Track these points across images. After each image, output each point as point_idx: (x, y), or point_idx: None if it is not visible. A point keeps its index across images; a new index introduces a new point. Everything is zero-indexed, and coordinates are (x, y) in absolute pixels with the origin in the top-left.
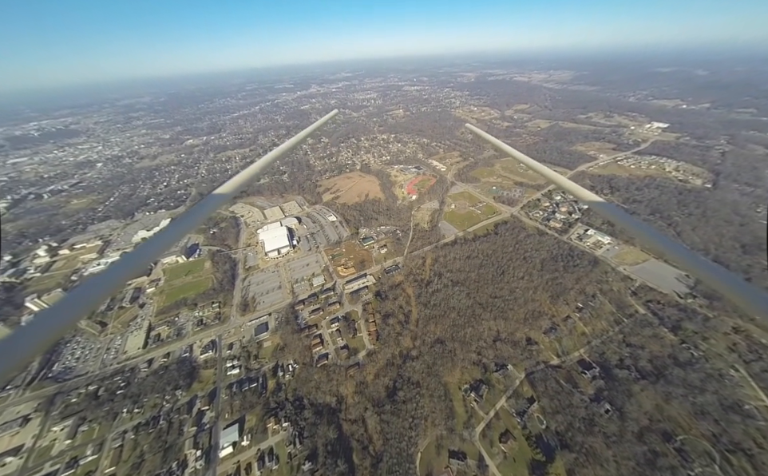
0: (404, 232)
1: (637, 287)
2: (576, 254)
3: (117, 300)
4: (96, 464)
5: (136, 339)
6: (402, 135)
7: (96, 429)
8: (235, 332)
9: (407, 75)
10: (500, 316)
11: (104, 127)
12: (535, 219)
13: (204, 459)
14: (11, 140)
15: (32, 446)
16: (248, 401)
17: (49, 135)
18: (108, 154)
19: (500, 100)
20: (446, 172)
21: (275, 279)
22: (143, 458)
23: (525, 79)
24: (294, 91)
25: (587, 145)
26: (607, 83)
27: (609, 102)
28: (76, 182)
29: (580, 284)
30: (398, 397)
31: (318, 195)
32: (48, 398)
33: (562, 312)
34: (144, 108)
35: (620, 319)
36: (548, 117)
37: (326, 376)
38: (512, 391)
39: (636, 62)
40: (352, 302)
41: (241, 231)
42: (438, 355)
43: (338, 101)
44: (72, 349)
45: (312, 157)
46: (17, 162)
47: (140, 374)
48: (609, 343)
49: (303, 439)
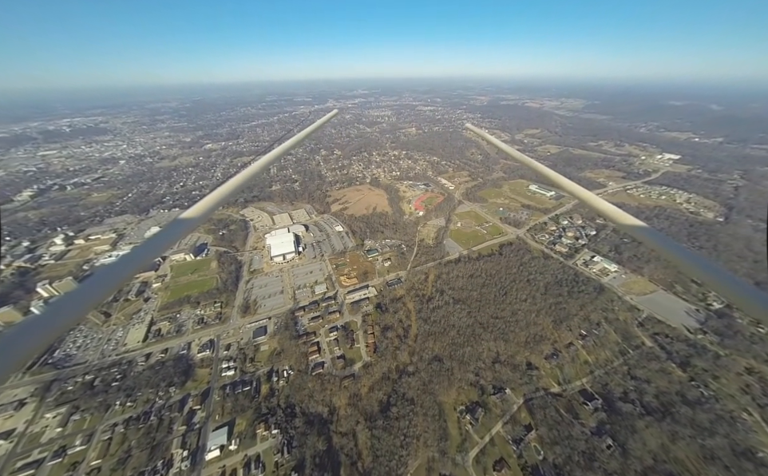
0: (408, 247)
1: (644, 318)
2: (581, 280)
3: (124, 292)
4: (83, 455)
5: (137, 332)
6: (413, 152)
7: (88, 419)
8: (234, 333)
9: (421, 95)
10: (501, 337)
11: (131, 127)
12: (540, 242)
13: (190, 460)
14: (44, 133)
15: (23, 431)
16: (240, 404)
17: (79, 131)
18: (132, 153)
19: (511, 123)
20: (454, 190)
21: (278, 283)
22: (130, 453)
23: (537, 105)
24: (311, 104)
25: (597, 172)
26: (618, 113)
27: (620, 131)
28: (98, 177)
29: (585, 311)
30: (392, 413)
31: (327, 205)
32: (45, 384)
33: (565, 338)
34: (170, 112)
35: (626, 350)
36: (558, 142)
37: (321, 385)
38: (509, 417)
39: (649, 94)
40: (352, 312)
41: (249, 234)
42: (435, 372)
43: (353, 116)
44: (74, 337)
45: (324, 168)
46: (47, 155)
47: (136, 367)
48: (613, 375)
49: (292, 449)
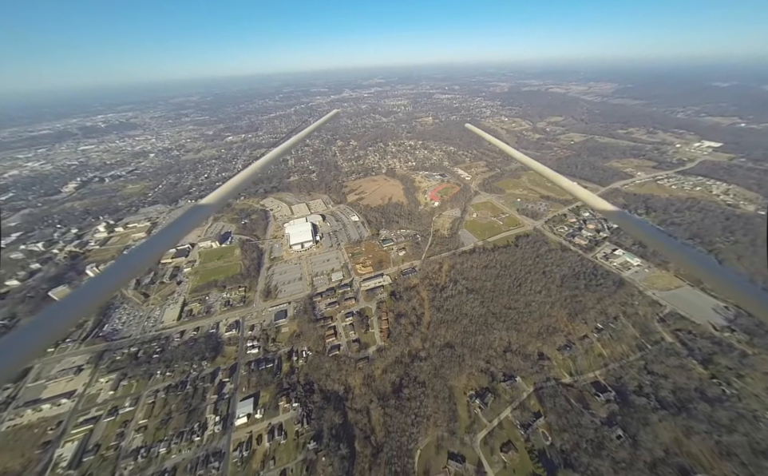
0: (423, 237)
1: (666, 313)
2: (600, 273)
3: (159, 276)
4: (132, 415)
5: (172, 311)
6: (430, 142)
7: (135, 385)
8: (257, 315)
9: (438, 83)
10: (513, 328)
11: (158, 122)
12: (559, 234)
13: (222, 425)
14: (83, 129)
15: (82, 393)
16: (264, 379)
17: (113, 127)
18: (160, 146)
19: (532, 111)
20: (471, 181)
21: (297, 270)
22: (170, 415)
23: (562, 91)
24: (328, 95)
25: (624, 162)
26: (653, 97)
27: (654, 117)
28: (132, 169)
29: (602, 305)
30: (403, 394)
31: (343, 195)
32: (97, 353)
33: (579, 331)
34: (193, 106)
35: (643, 344)
36: (583, 130)
37: (337, 366)
38: (518, 403)
39: (690, 75)
40: (367, 299)
41: (269, 223)
42: (446, 358)
43: (368, 106)
44: (119, 314)
45: (341, 159)
46: (86, 149)
47: (173, 342)
48: (628, 368)
49: (311, 420)
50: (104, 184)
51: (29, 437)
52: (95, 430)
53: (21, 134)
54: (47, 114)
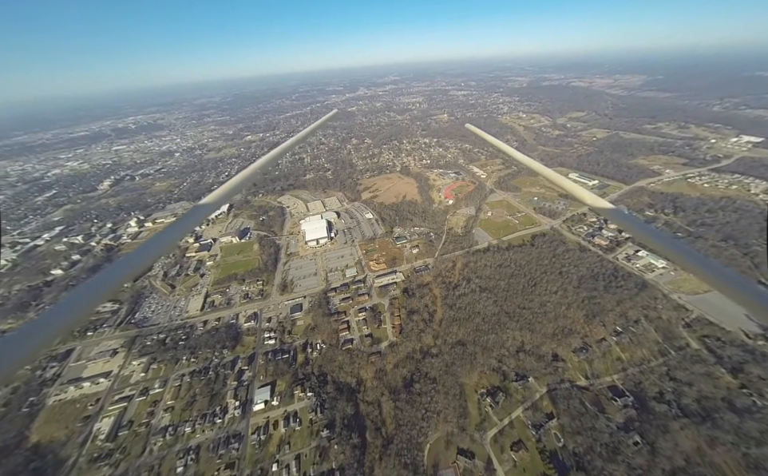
0: (437, 235)
1: (692, 318)
2: (621, 275)
3: (185, 268)
4: (161, 396)
5: (196, 302)
6: (445, 140)
7: (163, 368)
8: (274, 308)
9: (454, 79)
10: (527, 328)
11: (183, 122)
12: (577, 234)
13: (241, 410)
14: (115, 131)
15: (117, 373)
16: (280, 368)
17: (142, 128)
18: (184, 146)
19: (552, 106)
20: (486, 179)
21: (312, 266)
22: (195, 398)
23: (585, 84)
24: (343, 93)
25: (652, 159)
26: (686, 89)
27: (686, 111)
28: (159, 168)
29: (622, 307)
30: (414, 389)
31: (357, 192)
32: (130, 338)
33: (597, 333)
34: (214, 106)
35: (666, 350)
36: (606, 126)
37: (350, 359)
38: (530, 403)
39: (730, 64)
40: (380, 295)
41: (286, 220)
42: (458, 356)
43: (383, 104)
44: (149, 303)
45: (355, 157)
46: (119, 149)
47: (197, 331)
48: (649, 374)
49: (324, 410)
50: (135, 182)
51: (72, 411)
52: (128, 407)
53: (62, 136)
54: (84, 117)
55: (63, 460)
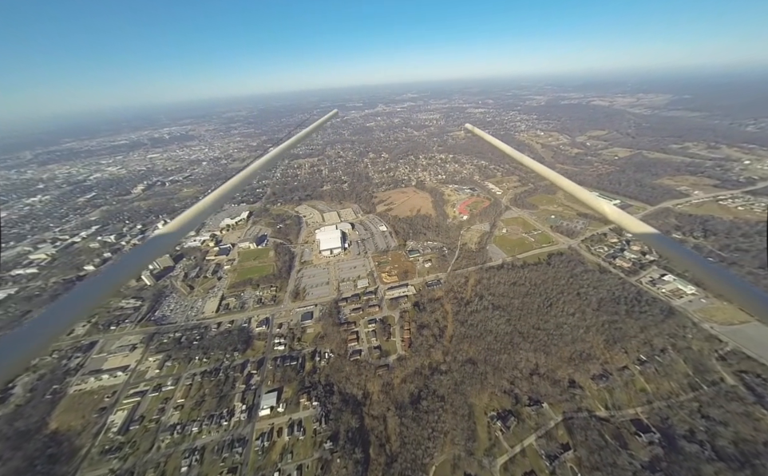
0: (450, 250)
1: (727, 351)
2: (645, 299)
3: (204, 270)
4: (172, 393)
5: (212, 304)
6: (461, 156)
7: (177, 366)
8: (285, 315)
9: (472, 97)
10: (542, 349)
11: (211, 134)
12: (597, 254)
13: (247, 414)
14: (151, 140)
15: (134, 368)
16: (288, 375)
17: (175, 138)
18: (211, 155)
19: (571, 125)
20: (502, 195)
21: (325, 275)
22: (204, 398)
23: (606, 103)
24: (362, 109)
25: (678, 179)
26: (716, 108)
27: (716, 131)
28: (187, 175)
29: (646, 334)
30: (421, 406)
31: (372, 205)
32: (149, 335)
33: (618, 361)
34: (241, 120)
35: (698, 384)
36: (628, 145)
37: (357, 370)
38: (544, 431)
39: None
40: (391, 308)
41: (302, 229)
42: (468, 374)
43: (401, 120)
44: (168, 302)
45: (372, 170)
46: (153, 157)
47: (210, 332)
48: (677, 409)
49: (328, 420)
50: (165, 188)
51: (90, 402)
52: (141, 402)
53: (105, 143)
54: (125, 127)
55: (77, 449)
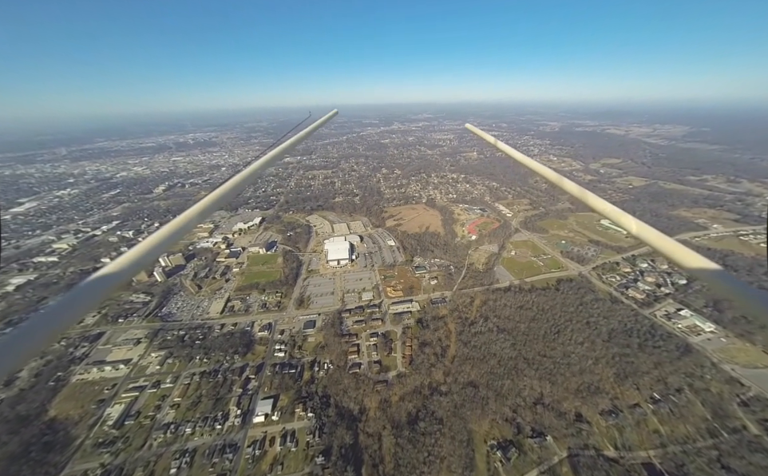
0: (457, 269)
1: (750, 396)
2: (659, 334)
3: (213, 271)
4: (169, 391)
5: (218, 305)
6: (472, 176)
7: (177, 364)
8: (288, 321)
9: (486, 120)
10: (547, 378)
11: (232, 141)
12: (609, 283)
13: (242, 419)
14: (176, 144)
15: (136, 362)
16: (285, 383)
17: (198, 144)
18: (230, 162)
19: (585, 152)
20: (512, 218)
21: (330, 285)
22: (200, 399)
23: (621, 132)
24: (378, 126)
25: (696, 212)
26: (737, 142)
27: (737, 165)
28: (206, 179)
29: (660, 371)
30: (419, 427)
31: (382, 219)
32: (154, 330)
33: (629, 397)
34: (261, 130)
35: (717, 431)
36: (644, 174)
37: (355, 384)
38: (547, 466)
39: None
40: (394, 322)
41: (311, 238)
42: (469, 398)
43: (415, 139)
44: (176, 300)
45: (384, 185)
46: (176, 160)
47: (213, 333)
48: (694, 456)
49: (322, 434)
50: (184, 189)
51: (90, 392)
52: (139, 397)
53: (133, 145)
54: (154, 131)
55: (72, 439)
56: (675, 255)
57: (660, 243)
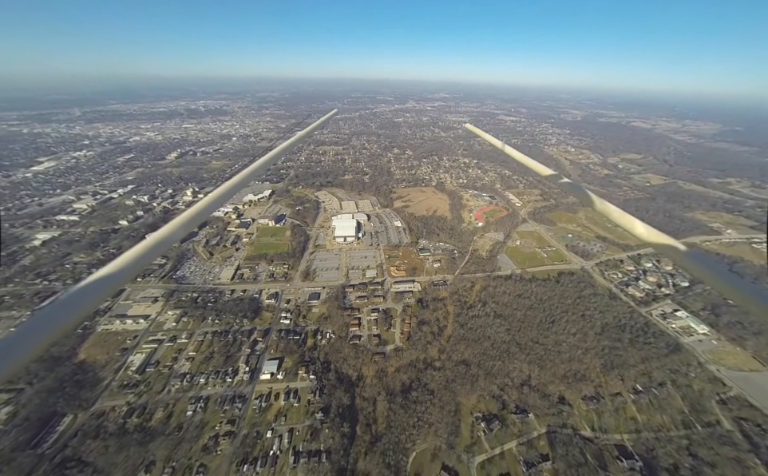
0: (461, 254)
1: (730, 396)
2: (651, 331)
3: (224, 240)
4: (185, 346)
5: (228, 271)
6: (484, 162)
7: (191, 322)
8: (294, 292)
9: (504, 104)
10: (537, 363)
11: (244, 111)
12: (610, 280)
13: (250, 375)
14: (188, 111)
15: (154, 318)
16: (290, 347)
17: (209, 111)
18: (241, 132)
19: (605, 144)
20: (521, 207)
21: (336, 260)
22: (213, 355)
23: (647, 126)
24: (392, 103)
25: (713, 215)
26: None
27: (765, 169)
28: (218, 148)
29: (646, 366)
30: (411, 396)
31: (390, 200)
32: (170, 291)
33: (612, 386)
34: (273, 101)
35: (691, 423)
36: (664, 172)
37: (355, 353)
38: (526, 439)
39: None
40: (395, 300)
41: (319, 213)
42: (460, 374)
43: (429, 119)
44: (189, 264)
45: (394, 166)
46: (188, 128)
47: (224, 297)
48: (666, 443)
49: (323, 394)
50: (196, 158)
51: (114, 341)
52: (158, 349)
53: (146, 109)
54: (165, 96)
55: (100, 380)
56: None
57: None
